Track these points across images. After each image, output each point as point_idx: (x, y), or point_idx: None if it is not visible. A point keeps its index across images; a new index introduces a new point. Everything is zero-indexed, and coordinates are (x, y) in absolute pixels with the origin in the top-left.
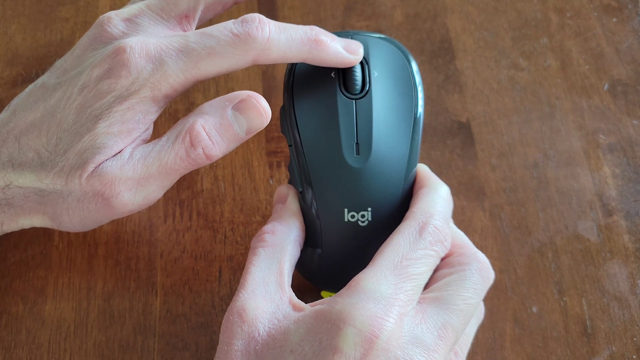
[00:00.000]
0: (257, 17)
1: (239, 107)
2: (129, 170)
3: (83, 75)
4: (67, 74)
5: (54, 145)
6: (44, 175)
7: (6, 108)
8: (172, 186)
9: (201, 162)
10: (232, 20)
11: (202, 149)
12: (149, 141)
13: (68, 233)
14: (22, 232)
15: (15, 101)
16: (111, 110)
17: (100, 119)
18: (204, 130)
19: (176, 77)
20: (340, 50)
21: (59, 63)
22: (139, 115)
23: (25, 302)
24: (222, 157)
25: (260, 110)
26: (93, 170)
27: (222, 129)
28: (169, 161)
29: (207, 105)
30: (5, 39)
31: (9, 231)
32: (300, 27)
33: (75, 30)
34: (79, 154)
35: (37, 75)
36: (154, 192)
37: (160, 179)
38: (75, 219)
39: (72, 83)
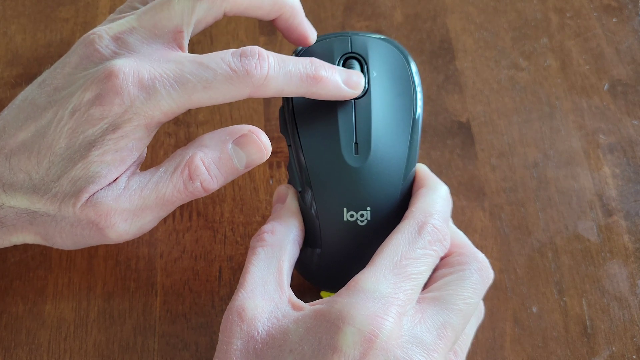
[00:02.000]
0: (257, 51)
1: (239, 141)
2: (125, 201)
3: (74, 98)
4: (57, 93)
5: (45, 169)
6: (36, 199)
7: None
8: None
9: (198, 195)
10: (231, 51)
11: (201, 182)
12: (143, 164)
13: None
14: None
15: (4, 115)
16: (104, 138)
17: (93, 147)
18: (203, 164)
19: (169, 107)
20: (339, 86)
21: (48, 79)
22: (133, 143)
23: (25, 302)
24: None
25: (261, 146)
26: (87, 200)
27: (221, 163)
28: (166, 193)
29: (208, 138)
30: (5, 39)
31: (1, 247)
32: (301, 61)
33: (75, 31)
34: (72, 182)
35: (37, 75)
36: (149, 222)
37: (157, 210)
38: (67, 241)
39: (63, 105)
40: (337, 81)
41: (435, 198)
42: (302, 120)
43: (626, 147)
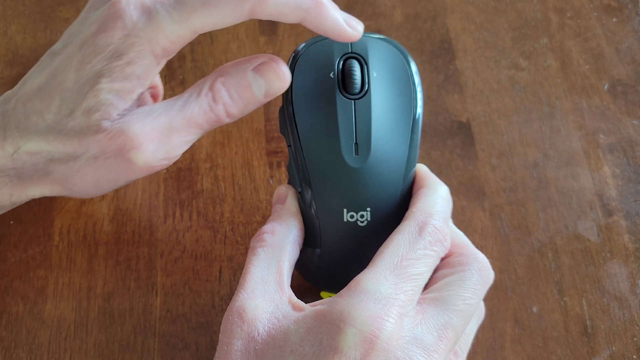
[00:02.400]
0: None
1: (259, 69)
2: (151, 121)
3: (82, 34)
4: (71, 37)
5: (57, 107)
6: (52, 138)
7: (21, 80)
8: (172, 186)
9: (222, 119)
10: None
11: (224, 104)
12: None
13: (68, 233)
14: (22, 232)
15: (30, 71)
16: (111, 65)
17: (101, 76)
18: (225, 87)
19: (171, 29)
20: (339, 20)
21: (67, 30)
22: (140, 70)
23: (25, 302)
24: (222, 157)
25: (280, 74)
26: (110, 125)
27: (241, 89)
28: (193, 113)
29: (229, 66)
30: (5, 39)
31: (18, 203)
32: None
33: None
34: (85, 113)
35: None
36: (176, 147)
37: (184, 133)
38: (88, 181)
39: (73, 42)
40: (336, 15)
41: (435, 198)
42: (302, 121)
43: (626, 147)
